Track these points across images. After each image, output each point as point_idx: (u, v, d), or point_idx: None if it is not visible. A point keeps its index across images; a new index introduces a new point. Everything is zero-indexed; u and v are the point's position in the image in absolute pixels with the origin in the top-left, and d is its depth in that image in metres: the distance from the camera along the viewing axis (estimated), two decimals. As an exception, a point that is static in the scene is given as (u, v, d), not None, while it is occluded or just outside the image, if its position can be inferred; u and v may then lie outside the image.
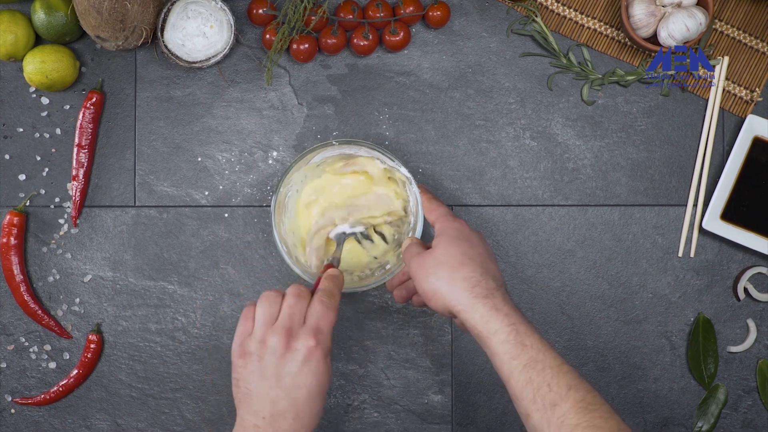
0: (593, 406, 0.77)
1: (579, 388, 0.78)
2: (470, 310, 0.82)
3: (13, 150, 1.05)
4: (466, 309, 0.82)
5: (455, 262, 0.85)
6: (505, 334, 0.80)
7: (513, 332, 0.80)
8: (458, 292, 0.83)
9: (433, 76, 1.05)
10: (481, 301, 0.82)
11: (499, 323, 0.81)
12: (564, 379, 0.78)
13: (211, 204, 1.05)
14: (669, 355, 1.06)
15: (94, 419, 1.05)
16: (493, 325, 0.81)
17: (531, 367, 0.79)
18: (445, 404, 1.05)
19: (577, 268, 1.06)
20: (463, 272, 0.84)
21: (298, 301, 0.85)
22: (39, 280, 1.05)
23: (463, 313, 0.83)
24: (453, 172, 1.05)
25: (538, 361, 0.79)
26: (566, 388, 0.77)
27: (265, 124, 1.05)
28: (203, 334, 1.05)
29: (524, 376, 0.79)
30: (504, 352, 0.80)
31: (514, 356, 0.79)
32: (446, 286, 0.84)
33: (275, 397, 0.82)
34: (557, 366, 0.79)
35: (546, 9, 1.06)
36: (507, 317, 0.81)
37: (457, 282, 0.84)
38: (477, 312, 0.82)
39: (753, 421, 1.06)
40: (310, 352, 0.82)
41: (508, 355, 0.80)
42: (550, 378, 0.78)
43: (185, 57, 1.02)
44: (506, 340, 0.80)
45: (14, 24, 1.00)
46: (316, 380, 0.82)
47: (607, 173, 1.06)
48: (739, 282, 1.05)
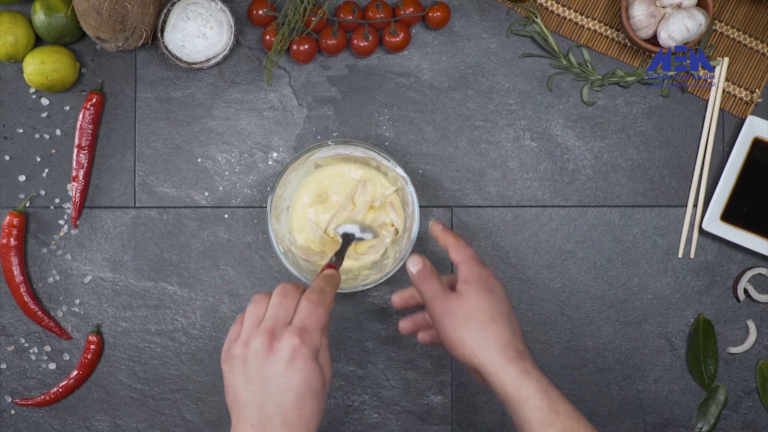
0: None
1: None
2: (501, 374, 0.80)
3: (13, 151, 1.05)
4: (497, 372, 0.80)
5: (485, 318, 0.82)
6: (537, 400, 0.78)
7: (546, 399, 0.79)
8: (490, 351, 0.81)
9: (433, 76, 1.05)
10: (513, 364, 0.80)
11: (532, 389, 0.79)
12: None
13: (211, 205, 1.05)
14: (669, 356, 1.06)
15: (94, 420, 1.05)
16: (525, 390, 0.79)
17: None
18: (445, 405, 1.05)
19: (577, 269, 1.06)
20: (494, 330, 0.82)
21: (283, 301, 0.80)
22: (39, 281, 1.05)
23: (494, 376, 0.80)
24: (453, 173, 1.05)
25: (572, 428, 0.78)
26: None
27: (265, 125, 1.05)
28: (203, 335, 1.05)
29: None
30: (537, 420, 0.78)
31: (547, 424, 0.78)
32: (476, 342, 0.81)
33: (261, 401, 0.78)
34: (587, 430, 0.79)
35: (546, 10, 1.06)
36: (539, 383, 0.79)
37: (488, 340, 0.81)
38: (508, 376, 0.79)
39: (753, 422, 1.06)
40: (295, 352, 0.77)
41: (540, 423, 0.78)
42: None
43: (185, 58, 1.02)
44: (539, 407, 0.78)
45: (14, 25, 1.00)
46: (303, 382, 0.77)
47: (607, 174, 1.06)
48: (739, 283, 1.05)
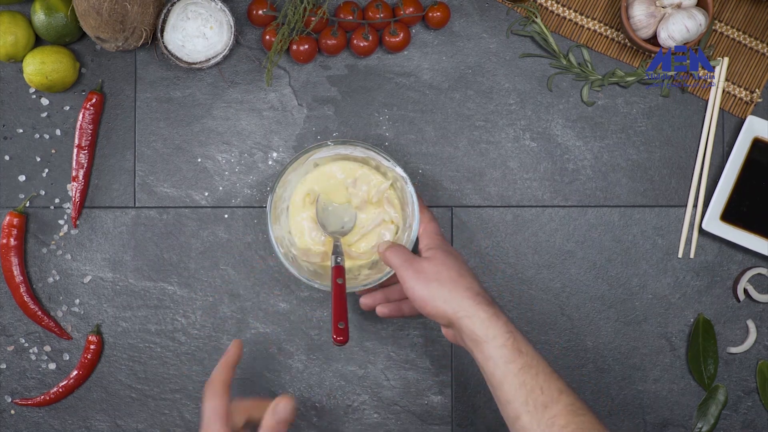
0: (582, 411, 0.81)
1: (569, 394, 0.82)
2: (472, 316, 0.85)
3: (13, 151, 1.05)
4: (468, 315, 0.85)
5: (455, 273, 0.88)
6: (503, 339, 0.84)
7: (511, 339, 0.84)
8: (461, 299, 0.86)
9: (433, 77, 1.05)
10: (483, 307, 0.85)
11: (499, 329, 0.84)
12: (555, 384, 0.82)
13: (211, 205, 1.05)
14: (669, 356, 1.06)
15: (94, 420, 1.05)
16: (493, 330, 0.84)
17: (525, 372, 0.82)
18: (445, 405, 1.05)
19: (577, 269, 1.06)
20: (464, 282, 0.88)
21: None
22: (39, 281, 1.05)
23: (465, 319, 0.85)
24: (453, 173, 1.05)
25: (532, 366, 0.83)
26: (557, 392, 0.82)
27: (265, 125, 1.05)
28: (203, 335, 1.05)
29: (518, 379, 0.82)
30: (500, 356, 0.83)
31: (509, 360, 0.83)
32: (449, 294, 0.87)
33: None
34: (550, 372, 0.83)
35: (546, 10, 1.06)
36: (506, 325, 0.85)
37: (459, 290, 0.87)
38: (478, 318, 0.85)
39: (753, 422, 1.06)
40: None
41: (503, 359, 0.83)
42: (542, 382, 0.82)
43: (185, 58, 1.02)
44: (504, 344, 0.83)
45: (14, 25, 1.00)
46: None
47: (607, 174, 1.06)
48: (738, 283, 1.05)
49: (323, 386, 1.05)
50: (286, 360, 1.05)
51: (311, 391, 1.05)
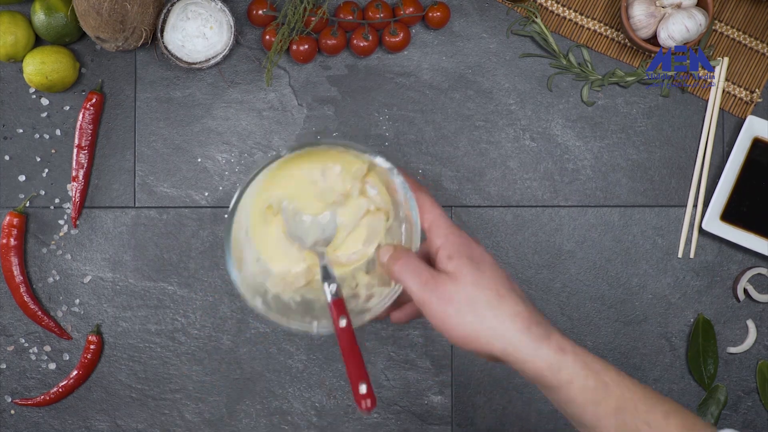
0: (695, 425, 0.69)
1: (676, 413, 0.69)
2: (534, 359, 0.68)
3: (13, 151, 1.05)
4: (525, 358, 0.68)
5: (493, 295, 0.69)
6: (582, 378, 0.68)
7: (591, 375, 0.68)
8: (510, 334, 0.68)
9: (433, 76, 1.05)
10: (544, 343, 0.68)
11: (572, 368, 0.68)
12: (660, 407, 0.69)
13: (211, 205, 1.05)
14: (669, 355, 1.06)
15: (94, 420, 1.05)
16: (567, 373, 0.68)
17: (622, 411, 0.69)
18: (445, 405, 1.05)
19: (577, 269, 1.06)
20: (507, 308, 0.69)
21: None
22: (39, 281, 1.05)
23: (528, 363, 0.68)
24: (453, 173, 1.05)
25: (627, 399, 0.69)
26: (663, 416, 0.69)
27: (265, 125, 1.05)
28: (203, 335, 1.05)
29: (616, 421, 0.69)
30: (585, 400, 0.69)
31: (598, 401, 0.69)
32: (492, 329, 0.68)
33: None
34: (643, 396, 0.70)
35: (546, 10, 1.06)
36: (576, 357, 0.69)
37: (505, 322, 0.68)
38: (543, 360, 0.68)
39: (753, 422, 1.06)
40: None
41: (591, 403, 0.69)
42: (644, 414, 0.69)
43: (185, 58, 1.02)
44: (585, 386, 0.68)
45: (14, 25, 1.00)
46: None
47: (607, 174, 1.06)
48: (738, 283, 1.05)
49: (323, 386, 1.05)
50: (286, 360, 1.05)
51: (311, 391, 1.05)
